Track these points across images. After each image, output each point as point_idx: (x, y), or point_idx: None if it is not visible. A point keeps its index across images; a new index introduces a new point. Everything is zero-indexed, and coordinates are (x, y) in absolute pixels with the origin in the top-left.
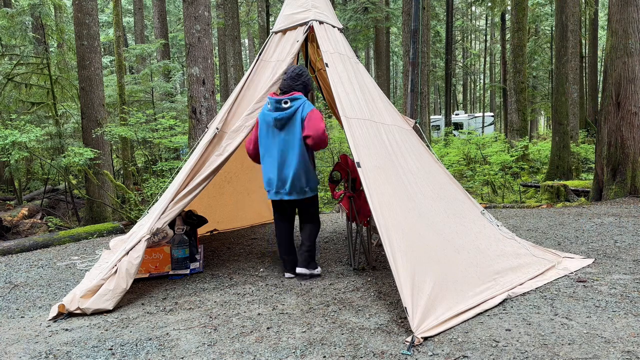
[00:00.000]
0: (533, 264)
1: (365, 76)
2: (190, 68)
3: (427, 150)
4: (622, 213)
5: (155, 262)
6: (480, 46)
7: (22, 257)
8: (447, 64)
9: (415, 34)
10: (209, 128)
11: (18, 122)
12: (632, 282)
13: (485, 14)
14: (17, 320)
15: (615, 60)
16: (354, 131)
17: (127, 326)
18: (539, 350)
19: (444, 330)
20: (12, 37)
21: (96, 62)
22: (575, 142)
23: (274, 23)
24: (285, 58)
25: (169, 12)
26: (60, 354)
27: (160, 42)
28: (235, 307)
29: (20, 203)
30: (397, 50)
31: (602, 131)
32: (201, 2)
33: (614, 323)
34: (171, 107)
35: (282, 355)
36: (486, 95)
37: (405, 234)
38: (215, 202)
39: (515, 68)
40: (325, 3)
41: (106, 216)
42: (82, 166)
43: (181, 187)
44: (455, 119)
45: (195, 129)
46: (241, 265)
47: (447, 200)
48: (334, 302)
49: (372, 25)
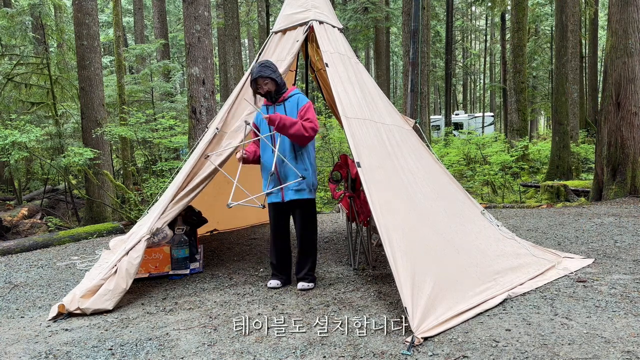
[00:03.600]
0: (533, 264)
1: (365, 76)
2: (190, 68)
3: (427, 150)
4: (622, 213)
5: (155, 262)
6: (480, 46)
7: (22, 257)
8: (447, 64)
9: (415, 34)
10: (209, 128)
11: (18, 122)
12: (632, 282)
13: (485, 14)
14: (17, 320)
15: (615, 60)
16: (354, 131)
17: (127, 326)
18: (539, 350)
19: (444, 330)
20: (12, 37)
21: (96, 62)
22: (575, 142)
23: (274, 23)
24: (285, 58)
25: (169, 12)
26: (60, 354)
27: (160, 42)
28: (235, 307)
29: (20, 203)
30: (397, 50)
31: (602, 131)
32: (201, 2)
33: (614, 323)
34: (171, 107)
35: (282, 355)
36: (486, 95)
37: (405, 234)
38: (215, 202)
39: (515, 68)
40: (325, 3)
41: (106, 216)
42: (82, 166)
43: (181, 187)
44: (455, 119)
45: (195, 129)
46: (241, 265)
47: (447, 200)
48: (334, 302)
49: (372, 25)
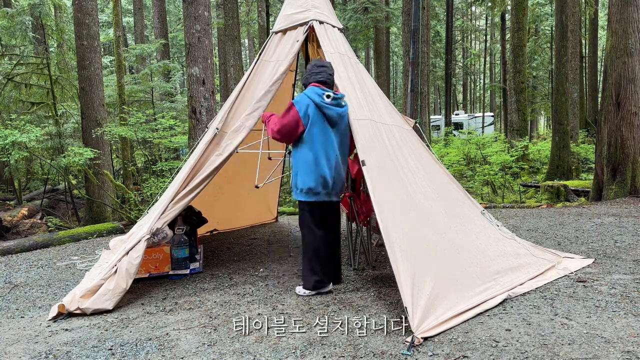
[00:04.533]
0: (533, 264)
1: (365, 76)
2: (190, 68)
3: (427, 150)
4: (622, 213)
5: (155, 262)
6: (480, 46)
7: (22, 257)
8: (447, 64)
9: (415, 34)
10: (209, 128)
11: (18, 122)
12: (632, 282)
13: (485, 14)
14: (17, 320)
15: (615, 60)
16: (355, 131)
17: (127, 326)
18: (539, 350)
19: (444, 330)
20: (12, 37)
21: (96, 62)
22: (575, 142)
23: (274, 23)
24: (286, 58)
25: (169, 12)
26: (60, 354)
27: (160, 42)
28: (235, 307)
29: (20, 203)
30: (397, 50)
31: (602, 131)
32: (201, 2)
33: (614, 323)
34: (171, 107)
35: (282, 355)
36: (486, 95)
37: (405, 234)
38: (215, 202)
39: (515, 68)
40: (325, 3)
41: (106, 216)
42: (82, 166)
43: (181, 187)
44: (455, 119)
45: (195, 129)
46: (241, 265)
47: (447, 200)
48: (334, 302)
49: (372, 25)
